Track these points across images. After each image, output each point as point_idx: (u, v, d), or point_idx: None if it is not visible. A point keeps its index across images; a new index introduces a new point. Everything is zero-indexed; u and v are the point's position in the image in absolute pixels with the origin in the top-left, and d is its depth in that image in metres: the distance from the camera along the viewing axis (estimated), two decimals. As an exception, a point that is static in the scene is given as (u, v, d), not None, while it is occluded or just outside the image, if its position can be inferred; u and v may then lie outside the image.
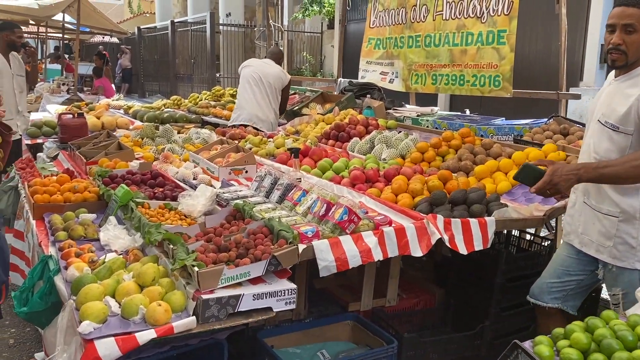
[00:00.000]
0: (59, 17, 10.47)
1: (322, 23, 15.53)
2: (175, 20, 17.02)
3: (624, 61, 2.16)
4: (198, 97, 7.89)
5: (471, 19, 4.78)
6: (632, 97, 2.13)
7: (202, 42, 15.39)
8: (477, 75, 4.76)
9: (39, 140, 5.46)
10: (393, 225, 2.35)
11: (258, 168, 3.47)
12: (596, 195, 2.27)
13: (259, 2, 8.47)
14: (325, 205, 2.31)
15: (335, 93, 6.60)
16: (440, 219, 2.42)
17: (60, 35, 12.68)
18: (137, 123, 6.09)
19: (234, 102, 6.77)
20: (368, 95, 5.50)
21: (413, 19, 5.35)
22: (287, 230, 2.07)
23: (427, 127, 4.79)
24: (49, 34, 13.48)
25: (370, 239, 2.24)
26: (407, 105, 5.79)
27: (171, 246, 2.04)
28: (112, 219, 2.57)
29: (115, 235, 2.36)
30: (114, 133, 5.37)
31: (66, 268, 2.06)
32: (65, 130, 4.83)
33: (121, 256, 2.20)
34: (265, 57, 5.76)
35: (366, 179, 3.06)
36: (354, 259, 2.17)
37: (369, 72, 5.99)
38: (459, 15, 4.88)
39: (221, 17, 17.53)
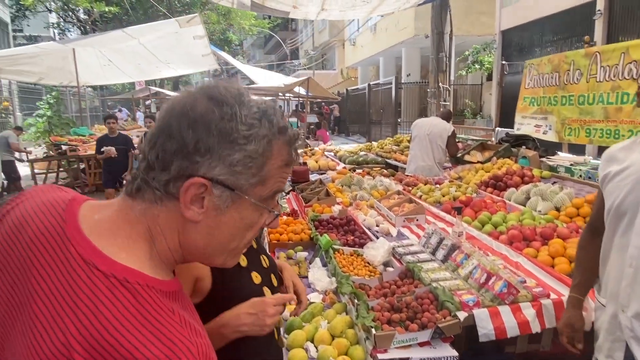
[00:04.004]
0: (296, 89, 11.36)
1: (481, 77, 14.20)
2: (371, 83, 17.27)
3: None
4: (384, 142, 7.76)
5: (627, 80, 3.75)
6: None
7: (389, 97, 15.28)
8: (634, 130, 3.71)
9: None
10: (551, 297, 1.84)
11: (427, 216, 3.15)
12: None
13: (432, 69, 7.97)
14: (485, 274, 1.90)
15: (493, 141, 5.85)
16: (601, 294, 1.82)
17: (297, 99, 13.79)
18: (341, 166, 6.17)
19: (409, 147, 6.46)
20: (523, 146, 4.70)
21: (566, 81, 4.42)
22: (450, 301, 1.73)
23: (581, 176, 3.88)
24: (291, 99, 14.75)
25: (528, 310, 1.77)
26: (560, 154, 4.81)
27: (356, 301, 1.87)
28: (317, 260, 2.51)
29: (318, 278, 2.28)
30: (325, 174, 5.52)
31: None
32: (295, 174, 5.09)
33: (320, 298, 2.10)
34: (435, 116, 5.29)
35: (523, 238, 2.51)
36: (512, 330, 1.73)
37: (524, 125, 5.15)
38: (614, 77, 3.87)
39: (403, 77, 17.26)
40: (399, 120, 15.10)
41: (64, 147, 8.56)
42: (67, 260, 0.60)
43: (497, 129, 5.94)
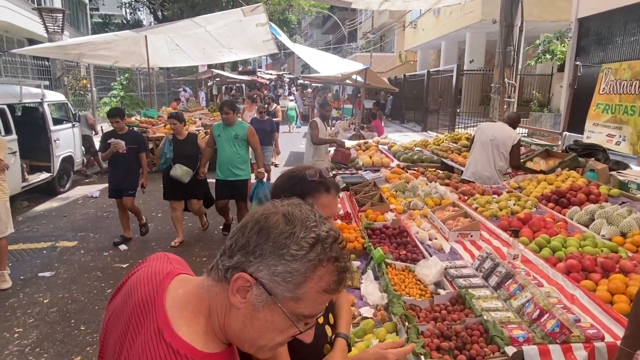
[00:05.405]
0: (353, 75, 11.29)
1: (552, 67, 13.24)
2: (430, 70, 16.71)
3: None
4: (440, 139, 7.58)
5: None
6: None
7: (448, 84, 14.76)
8: None
9: (333, 172, 6.00)
10: (606, 340, 1.83)
11: (482, 231, 3.14)
12: None
13: (497, 64, 7.60)
14: (538, 310, 1.92)
15: (560, 145, 5.55)
16: (661, 343, 1.78)
17: (354, 84, 13.72)
18: (395, 163, 6.16)
19: (467, 148, 6.29)
20: (592, 158, 4.44)
21: (649, 91, 4.10)
22: (500, 336, 1.79)
23: (655, 196, 3.64)
24: (347, 85, 14.70)
25: (580, 352, 1.78)
26: (632, 167, 4.49)
27: (407, 323, 1.97)
28: (370, 272, 2.63)
29: (370, 292, 2.40)
30: (379, 171, 5.56)
31: (337, 317, 2.18)
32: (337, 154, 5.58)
33: (372, 313, 2.23)
34: (502, 121, 5.05)
35: (582, 268, 2.46)
36: (562, 370, 1.76)
37: (595, 134, 4.85)
38: None
39: (465, 62, 16.53)
40: (457, 110, 14.57)
41: (135, 129, 9.26)
42: (149, 326, 0.79)
43: (565, 133, 5.61)
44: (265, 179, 5.17)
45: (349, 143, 7.72)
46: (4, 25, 13.57)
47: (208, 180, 5.37)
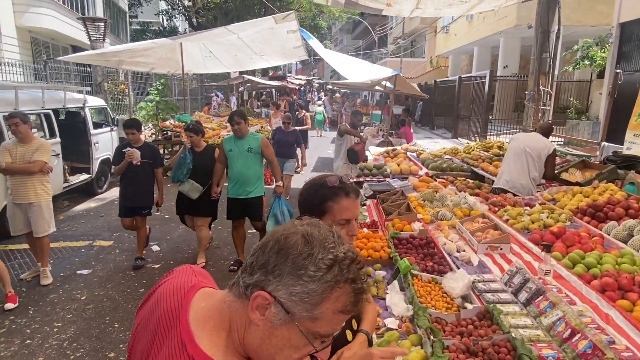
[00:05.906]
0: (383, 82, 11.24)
1: (591, 73, 12.74)
2: (462, 76, 16.42)
3: None
4: (470, 147, 7.44)
5: None
6: None
7: (481, 91, 14.45)
8: None
9: (361, 179, 6.01)
10: (643, 365, 1.76)
11: (512, 244, 3.07)
12: None
13: (532, 71, 7.39)
14: (569, 330, 1.87)
15: (598, 156, 5.33)
16: None
17: (383, 91, 13.66)
18: (423, 170, 6.10)
19: (499, 157, 6.17)
20: (632, 170, 4.25)
21: (697, 101, 3.90)
22: (529, 355, 1.74)
23: (701, 212, 3.43)
24: (376, 91, 14.66)
25: (613, 375, 1.72)
26: (677, 181, 4.26)
27: (432, 337, 1.96)
28: (395, 283, 2.62)
29: (395, 302, 2.40)
30: (407, 179, 5.52)
31: (361, 327, 2.19)
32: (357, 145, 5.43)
33: (396, 324, 2.22)
34: (534, 131, 4.94)
35: (618, 287, 2.36)
36: (594, 393, 1.70)
37: (636, 145, 4.64)
38: None
39: (499, 68, 16.17)
40: (490, 116, 14.23)
41: (169, 133, 9.60)
42: (173, 338, 0.83)
43: (604, 143, 5.39)
44: (283, 194, 4.62)
45: (376, 150, 7.70)
46: (50, 33, 14.39)
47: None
